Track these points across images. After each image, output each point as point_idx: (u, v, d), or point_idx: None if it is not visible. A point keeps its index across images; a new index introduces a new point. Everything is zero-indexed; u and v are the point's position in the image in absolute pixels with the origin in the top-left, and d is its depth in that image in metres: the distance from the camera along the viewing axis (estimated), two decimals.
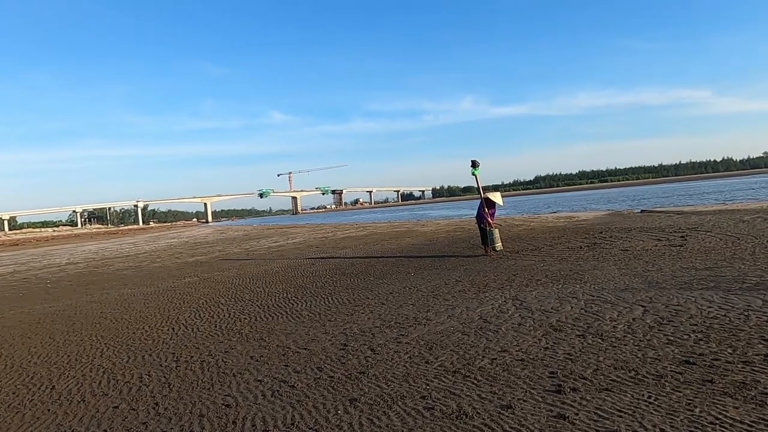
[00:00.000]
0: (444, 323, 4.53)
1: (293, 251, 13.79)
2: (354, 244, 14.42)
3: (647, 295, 4.83)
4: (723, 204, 19.01)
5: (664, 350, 3.26)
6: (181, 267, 11.87)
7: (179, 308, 6.56)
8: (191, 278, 9.57)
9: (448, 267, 8.13)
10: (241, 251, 15.25)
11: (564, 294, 5.27)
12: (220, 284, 8.46)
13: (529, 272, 6.88)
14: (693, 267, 6.17)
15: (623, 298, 4.83)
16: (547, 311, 4.60)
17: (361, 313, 5.32)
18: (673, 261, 6.73)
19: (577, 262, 7.45)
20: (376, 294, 6.33)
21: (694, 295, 4.67)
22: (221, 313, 6.04)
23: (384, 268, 8.64)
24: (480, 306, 5.09)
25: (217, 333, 5.02)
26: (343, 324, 4.89)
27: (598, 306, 4.60)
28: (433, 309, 5.16)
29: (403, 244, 12.83)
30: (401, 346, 3.93)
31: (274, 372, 3.62)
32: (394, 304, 5.62)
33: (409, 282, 7.01)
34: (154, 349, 4.62)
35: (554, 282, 6.01)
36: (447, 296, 5.75)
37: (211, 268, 11.15)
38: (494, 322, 4.39)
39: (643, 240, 9.26)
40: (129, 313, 6.47)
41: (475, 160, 9.54)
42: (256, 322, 5.34)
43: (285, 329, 4.91)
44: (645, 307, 4.39)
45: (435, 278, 7.11)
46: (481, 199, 9.54)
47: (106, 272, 12.05)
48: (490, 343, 3.78)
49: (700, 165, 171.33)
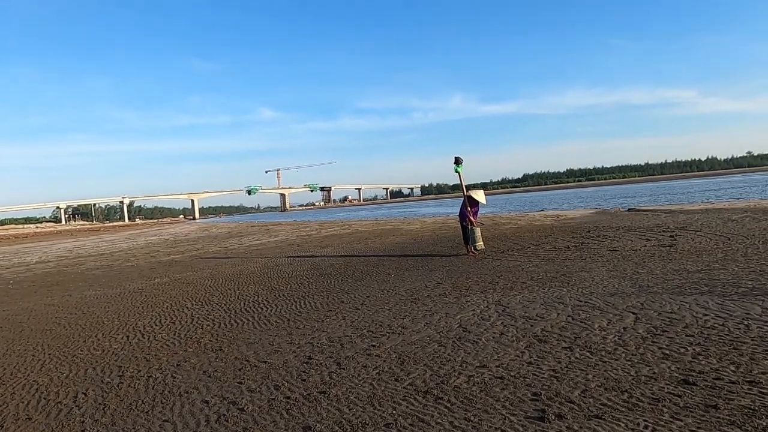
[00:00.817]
0: (420, 332, 4.16)
1: (273, 250, 13.33)
2: (337, 242, 14.00)
3: (638, 301, 4.51)
4: (710, 203, 18.94)
5: (659, 366, 2.92)
6: (155, 267, 11.36)
7: (141, 313, 6.10)
8: (162, 279, 9.09)
9: (430, 268, 7.77)
10: (220, 250, 14.75)
11: (550, 299, 4.93)
12: (190, 286, 8.01)
13: (514, 274, 6.54)
14: (684, 269, 5.88)
15: (613, 303, 4.50)
16: (532, 318, 4.25)
17: (333, 319, 4.93)
18: (663, 262, 6.44)
19: (564, 263, 7.14)
20: (352, 297, 5.94)
21: (688, 301, 4.35)
22: (184, 318, 5.60)
23: (364, 269, 8.26)
24: (460, 312, 4.73)
25: (174, 342, 4.59)
26: (312, 332, 4.50)
27: (587, 313, 4.26)
28: (410, 315, 4.78)
29: (387, 243, 12.46)
30: (370, 360, 3.55)
31: (226, 391, 3.22)
32: (370, 309, 5.24)
33: (388, 284, 6.64)
34: (102, 361, 4.18)
35: (540, 285, 5.68)
36: (426, 300, 5.38)
37: (186, 267, 10.67)
38: (474, 331, 4.03)
39: (632, 240, 9.00)
40: (86, 319, 6.00)
41: (459, 158, 9.23)
42: (218, 330, 4.92)
43: (248, 338, 4.50)
44: (636, 315, 4.07)
45: (416, 280, 6.75)
46: (463, 197, 9.24)
47: (74, 272, 11.49)
48: (468, 357, 3.42)
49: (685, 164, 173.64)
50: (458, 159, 9.21)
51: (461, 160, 9.22)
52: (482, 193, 9.31)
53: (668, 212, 15.04)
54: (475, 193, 9.21)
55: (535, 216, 18.87)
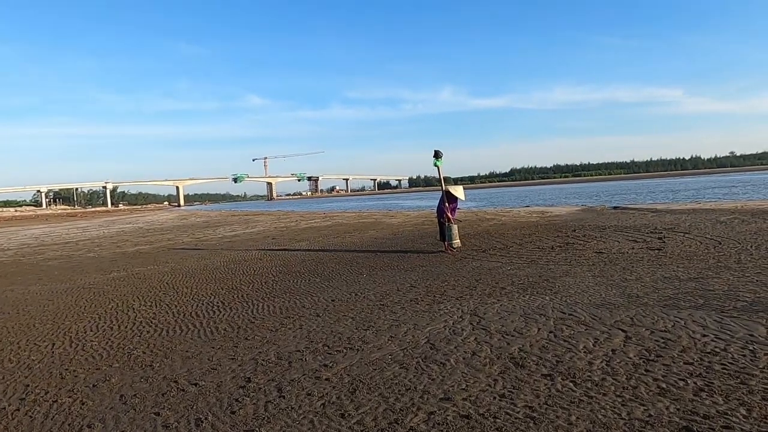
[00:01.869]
0: (382, 348, 3.64)
1: (247, 242, 12.70)
2: (314, 235, 13.42)
3: (628, 315, 4.04)
4: (696, 202, 18.74)
5: (656, 406, 2.44)
6: (117, 258, 10.67)
7: (80, 314, 5.49)
8: (119, 273, 8.44)
9: (405, 267, 7.26)
10: (192, 240, 14.06)
11: (531, 309, 4.44)
12: (146, 282, 7.38)
13: (494, 277, 6.06)
14: (676, 277, 5.45)
15: (600, 318, 4.03)
16: (509, 334, 3.76)
17: (289, 328, 4.39)
18: (652, 268, 6.01)
19: (547, 265, 6.68)
20: (315, 301, 5.40)
21: (683, 317, 3.90)
22: (126, 322, 5.01)
23: (336, 267, 7.71)
24: (431, 323, 4.22)
25: (102, 353, 4.00)
26: (261, 345, 3.95)
27: (571, 329, 3.78)
28: (375, 326, 4.26)
29: (365, 238, 11.92)
30: (318, 385, 3.02)
31: (137, 425, 2.66)
32: (332, 316, 4.71)
33: (358, 286, 6.11)
34: (10, 377, 3.58)
35: (521, 292, 5.20)
36: (395, 307, 4.86)
37: (149, 260, 10.00)
38: (443, 349, 3.52)
39: (619, 241, 8.59)
40: (16, 320, 5.37)
41: (438, 151, 8.77)
42: (158, 338, 4.34)
43: (188, 350, 3.94)
44: (626, 333, 3.60)
45: (388, 282, 6.23)
46: (442, 193, 8.78)
47: (30, 263, 10.74)
48: (432, 385, 2.91)
49: (669, 162, 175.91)
50: (437, 152, 8.76)
51: (441, 153, 8.77)
52: (461, 189, 8.86)
53: (654, 211, 14.73)
54: (454, 188, 8.75)
55: (520, 212, 18.49)
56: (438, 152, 8.80)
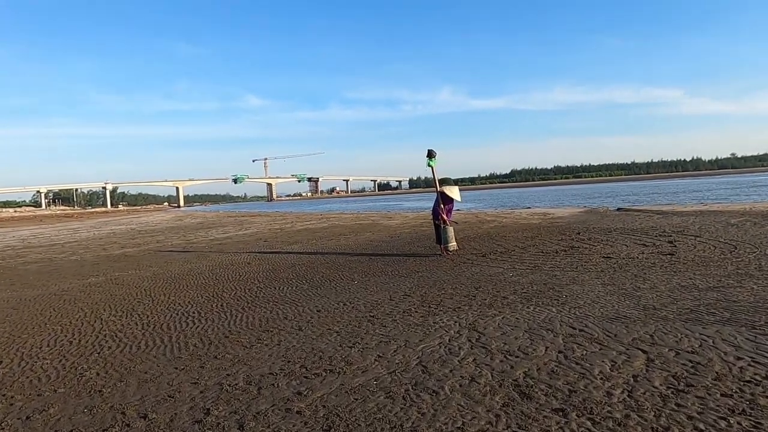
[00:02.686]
0: (367, 371, 3.17)
1: (237, 245, 12.23)
2: (308, 238, 12.95)
3: (646, 331, 3.57)
4: (702, 204, 18.26)
5: None
6: (99, 262, 10.20)
7: (42, 326, 5.02)
8: (97, 278, 7.97)
9: (400, 273, 6.79)
10: (182, 243, 13.59)
11: (536, 323, 3.98)
12: (123, 288, 6.92)
13: (496, 285, 5.59)
14: (694, 285, 4.98)
15: (615, 334, 3.56)
16: (513, 354, 3.29)
17: (265, 344, 3.92)
18: (667, 275, 5.54)
19: (552, 271, 6.21)
20: (300, 312, 4.93)
21: (710, 334, 3.43)
22: (88, 335, 4.54)
23: (326, 272, 7.24)
24: (424, 339, 3.76)
25: (51, 374, 3.53)
26: (231, 365, 3.48)
27: (583, 348, 3.31)
28: (362, 342, 3.79)
29: (361, 241, 11.45)
30: (287, 421, 2.55)
31: None
32: (315, 330, 4.24)
33: (347, 294, 5.64)
34: None
35: (524, 302, 4.73)
36: (386, 320, 4.39)
37: (132, 264, 9.53)
38: (437, 374, 3.05)
39: (627, 245, 8.12)
40: None
41: (432, 151, 8.35)
42: (117, 356, 3.87)
43: (147, 371, 3.47)
44: (648, 354, 3.13)
45: (380, 290, 5.76)
46: (437, 194, 8.34)
47: (7, 266, 10.28)
48: (422, 421, 2.44)
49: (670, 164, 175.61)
50: (431, 152, 8.34)
51: (434, 153, 8.35)
52: (457, 190, 8.43)
53: (660, 213, 14.27)
54: (449, 189, 8.31)
55: (521, 214, 18.02)
56: (431, 152, 8.38)
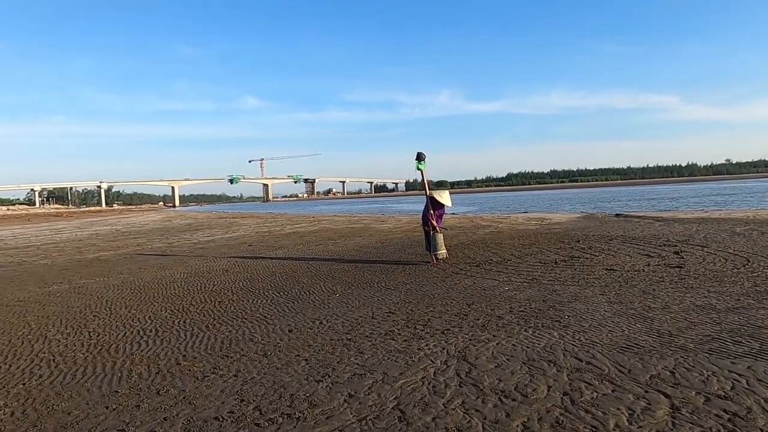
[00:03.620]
0: (332, 418, 2.61)
1: (220, 249, 11.64)
2: (295, 242, 12.38)
3: (666, 366, 3.04)
4: (703, 211, 17.81)
5: None
6: (69, 267, 9.59)
7: None
8: (60, 286, 7.37)
9: (386, 285, 6.24)
10: (163, 246, 12.97)
11: (536, 352, 3.43)
12: (84, 299, 6.33)
13: (490, 301, 5.05)
14: (710, 306, 4.45)
15: (629, 370, 3.02)
16: (509, 396, 2.75)
17: (220, 375, 3.35)
18: (678, 292, 5.02)
19: (552, 285, 5.67)
20: (269, 332, 4.37)
21: (741, 372, 2.90)
22: (22, 358, 3.96)
23: (307, 283, 6.68)
24: (405, 372, 3.20)
25: None
26: (172, 405, 2.91)
27: (592, 389, 2.77)
28: (333, 374, 3.24)
29: (350, 246, 10.89)
30: None
31: None
32: (282, 356, 3.68)
33: (326, 310, 5.08)
34: None
35: (522, 323, 4.18)
36: (364, 344, 3.84)
37: (103, 270, 8.93)
38: (416, 423, 2.50)
39: (630, 255, 7.60)
40: None
41: (421, 153, 7.86)
42: (45, 387, 3.29)
43: (70, 412, 2.89)
44: (671, 400, 2.59)
45: (362, 305, 5.20)
46: (426, 199, 7.83)
47: None
48: None
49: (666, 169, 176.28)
50: (420, 155, 7.85)
51: (423, 156, 7.86)
52: (447, 195, 7.93)
53: (661, 220, 13.79)
54: (439, 194, 7.81)
55: (518, 218, 17.51)
56: (421, 154, 7.87)
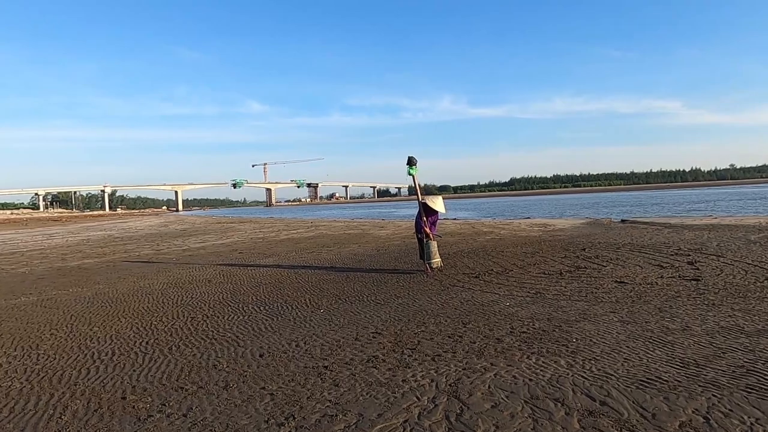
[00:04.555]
0: None
1: (209, 256, 11.14)
2: (287, 249, 11.88)
3: (697, 410, 2.52)
4: (711, 217, 17.23)
5: None
6: (46, 276, 9.12)
7: None
8: (30, 298, 6.89)
9: (377, 299, 5.73)
10: (150, 253, 12.48)
11: (540, 387, 2.91)
12: (49, 313, 5.84)
13: (488, 319, 4.53)
14: (738, 327, 3.93)
15: (653, 413, 2.50)
16: None
17: (167, 414, 2.85)
18: (699, 310, 4.49)
19: (557, 300, 5.16)
20: (237, 357, 3.87)
21: None
22: None
23: (292, 295, 6.18)
24: (385, 413, 2.69)
25: None
26: None
27: None
28: (299, 415, 2.73)
29: (344, 254, 10.39)
30: None
31: None
32: (245, 390, 3.17)
33: (307, 328, 4.58)
34: None
35: (524, 348, 3.67)
36: (342, 374, 3.33)
37: (79, 280, 8.44)
38: None
39: (641, 265, 7.07)
40: None
41: (412, 158, 7.39)
42: None
43: None
44: None
45: (348, 322, 4.70)
46: (419, 205, 7.35)
47: None
48: None
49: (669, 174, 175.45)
50: (411, 159, 7.38)
51: (415, 160, 7.39)
52: (440, 200, 7.47)
53: (669, 226, 13.24)
54: (432, 200, 7.35)
55: (520, 224, 16.97)
56: (412, 159, 7.40)
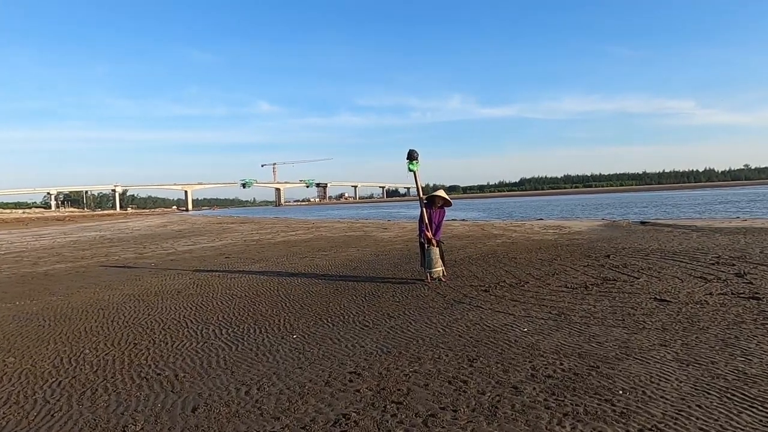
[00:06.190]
0: None
1: (192, 261, 10.21)
2: (279, 254, 10.92)
3: None
4: (741, 219, 15.99)
5: None
6: (2, 284, 8.24)
7: None
8: None
9: (364, 321, 4.72)
10: (131, 257, 11.57)
11: None
12: None
13: (503, 353, 3.52)
14: None
15: None
16: None
17: None
18: None
19: (587, 324, 4.13)
20: (160, 412, 2.89)
21: None
22: None
23: (266, 313, 5.20)
24: None
25: None
26: None
27: None
28: None
29: (340, 260, 9.41)
30: None
31: None
32: None
33: (268, 364, 3.60)
34: None
35: (553, 407, 2.65)
36: None
37: (34, 290, 7.52)
38: None
39: (679, 277, 6.00)
40: None
41: (413, 151, 6.44)
42: None
43: None
44: None
45: (322, 356, 3.70)
46: (420, 206, 6.41)
47: None
48: None
49: (683, 174, 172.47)
50: (412, 153, 6.44)
51: (416, 154, 6.44)
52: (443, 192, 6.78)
53: (696, 229, 12.10)
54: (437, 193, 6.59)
55: (533, 226, 15.88)
56: (412, 152, 6.42)
